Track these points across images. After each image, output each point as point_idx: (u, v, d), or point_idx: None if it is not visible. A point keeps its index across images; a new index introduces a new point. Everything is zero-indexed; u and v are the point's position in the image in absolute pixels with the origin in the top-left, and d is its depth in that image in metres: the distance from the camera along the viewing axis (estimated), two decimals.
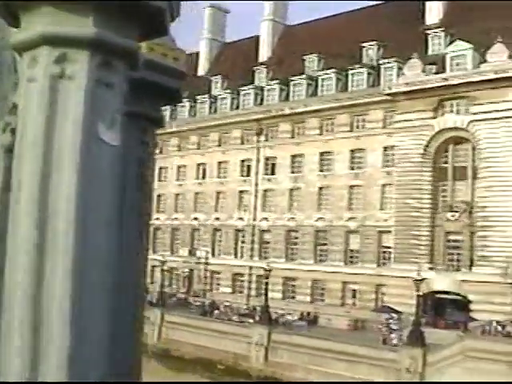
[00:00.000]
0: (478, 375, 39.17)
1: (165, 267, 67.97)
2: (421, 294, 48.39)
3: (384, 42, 69.55)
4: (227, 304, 66.44)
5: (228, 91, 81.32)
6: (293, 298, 69.04)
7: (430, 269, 57.48)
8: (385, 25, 69.57)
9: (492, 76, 55.68)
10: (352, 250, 66.34)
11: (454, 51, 60.78)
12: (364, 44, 70.97)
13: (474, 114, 57.10)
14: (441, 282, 56.79)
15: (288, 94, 74.73)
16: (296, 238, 70.97)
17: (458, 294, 56.14)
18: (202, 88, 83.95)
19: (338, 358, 45.89)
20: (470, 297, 55.03)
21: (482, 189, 56.74)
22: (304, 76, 73.42)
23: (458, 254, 58.56)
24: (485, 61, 57.40)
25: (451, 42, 62.32)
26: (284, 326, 56.96)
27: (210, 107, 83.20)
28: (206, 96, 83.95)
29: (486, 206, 56.00)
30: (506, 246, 54.18)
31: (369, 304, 62.28)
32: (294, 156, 72.17)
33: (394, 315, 55.83)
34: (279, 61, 79.78)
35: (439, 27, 65.84)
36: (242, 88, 79.36)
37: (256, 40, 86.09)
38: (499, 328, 49.26)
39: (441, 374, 41.28)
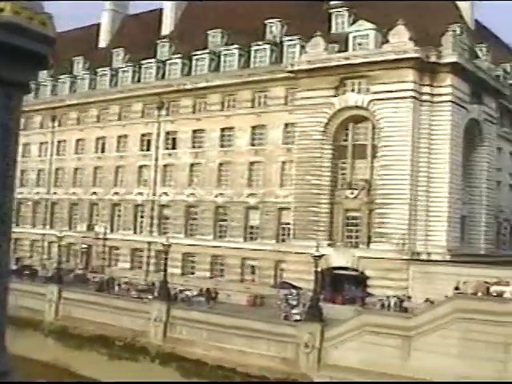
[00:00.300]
0: (375, 349, 40.12)
1: (62, 243, 66.58)
2: (319, 270, 48.46)
3: (288, 19, 69.26)
4: (126, 280, 65.64)
5: (129, 64, 79.49)
6: (192, 273, 68.75)
7: (329, 245, 57.95)
8: (289, 2, 69.19)
9: (393, 56, 56.15)
10: (252, 227, 66.59)
11: (356, 31, 60.83)
12: (268, 21, 70.45)
13: (375, 93, 57.47)
14: (339, 258, 57.26)
15: (190, 69, 73.59)
16: (196, 213, 70.65)
17: (355, 270, 56.73)
18: (102, 60, 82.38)
19: (237, 333, 45.96)
20: (368, 273, 55.73)
21: (380, 167, 57.51)
22: (207, 51, 72.50)
23: (357, 230, 59.18)
24: (387, 41, 57.75)
25: (354, 22, 62.53)
26: (183, 301, 56.59)
27: (111, 80, 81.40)
28: (107, 69, 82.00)
29: (383, 184, 56.78)
30: (402, 223, 55.51)
31: (268, 280, 62.55)
32: (195, 131, 71.46)
33: (293, 291, 56.01)
34: (182, 35, 78.21)
35: (343, 6, 65.92)
36: (144, 61, 77.86)
37: (159, 13, 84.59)
38: (395, 303, 50.04)
39: (337, 348, 41.90)
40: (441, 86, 57.05)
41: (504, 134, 69.85)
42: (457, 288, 44.93)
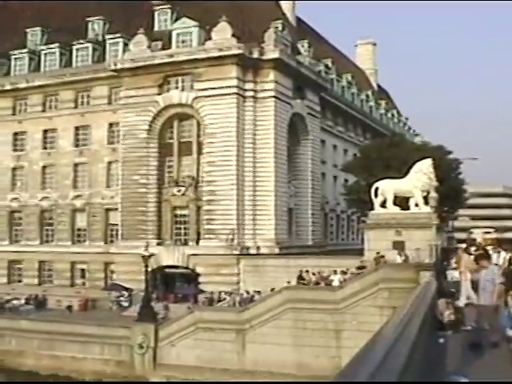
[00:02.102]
0: (210, 345, 39.81)
1: None
2: (150, 269, 47.65)
3: (110, 17, 67.67)
4: None
5: None
6: (20, 281, 65.96)
7: (158, 244, 57.36)
8: (111, 2, 67.59)
9: (216, 53, 56.06)
10: (79, 229, 64.98)
11: (179, 28, 60.13)
12: (89, 19, 68.64)
13: (199, 90, 57.20)
14: (169, 256, 56.72)
15: (9, 69, 70.31)
16: (20, 218, 67.78)
17: (186, 268, 56.38)
18: None
19: (69, 339, 44.57)
20: (199, 269, 55.48)
21: (206, 164, 57.28)
22: (26, 50, 69.70)
23: (185, 228, 58.84)
24: (209, 38, 57.61)
25: (177, 19, 61.79)
26: (10, 311, 54.79)
27: None
28: None
29: (210, 181, 56.63)
30: (230, 218, 55.54)
31: (99, 283, 61.24)
32: (16, 134, 68.51)
33: (124, 292, 55.49)
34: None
35: (166, 4, 64.66)
36: None
37: None
38: (226, 298, 50.33)
39: (172, 347, 41.18)
40: (264, 82, 57.38)
41: (327, 127, 71.72)
42: (300, 277, 45.24)
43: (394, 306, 29.95)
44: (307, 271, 45.77)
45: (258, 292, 48.97)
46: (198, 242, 57.13)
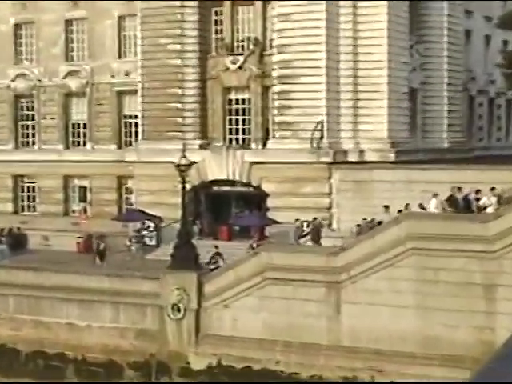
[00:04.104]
0: (285, 306, 38.16)
1: None
2: (189, 187, 47.51)
3: None
4: None
5: None
6: None
7: (202, 147, 56.60)
8: None
9: None
10: (77, 125, 65.03)
11: None
12: None
13: None
14: (219, 166, 55.61)
15: None
16: None
17: (247, 185, 55.06)
18: None
19: (64, 298, 43.14)
20: (266, 187, 53.77)
21: (278, 17, 55.30)
22: None
23: (245, 121, 57.41)
24: None
25: None
26: None
27: None
28: None
29: (284, 45, 55.10)
30: (315, 105, 53.89)
31: (108, 209, 60.89)
32: None
33: (148, 223, 55.01)
34: None
35: None
36: None
37: None
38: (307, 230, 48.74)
39: (226, 310, 39.95)
40: None
41: None
42: (451, 199, 42.62)
43: None
44: (459, 189, 42.51)
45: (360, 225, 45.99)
46: (265, 144, 55.47)
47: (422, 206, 43.05)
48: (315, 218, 48.82)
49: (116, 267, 47.30)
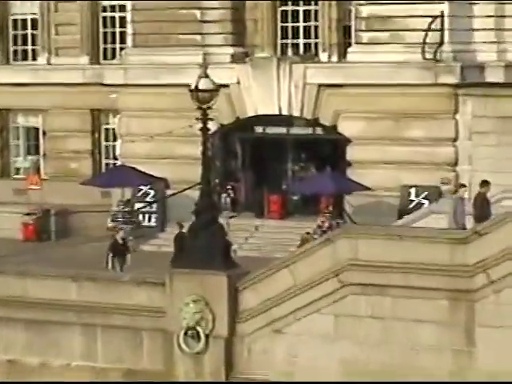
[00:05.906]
0: (379, 330, 27.85)
1: None
2: (214, 128, 39.18)
3: None
4: None
5: None
6: None
7: (235, 59, 47.22)
8: None
9: None
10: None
11: None
12: None
13: None
14: (265, 92, 45.60)
15: None
16: None
17: (314, 123, 45.68)
18: None
19: (1, 316, 32.63)
20: (345, 127, 44.80)
21: None
22: None
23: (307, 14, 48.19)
24: None
25: None
26: None
27: None
28: None
29: None
30: None
31: (76, 165, 52.58)
32: None
33: (146, 190, 46.97)
34: None
35: None
36: None
37: None
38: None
39: (282, 337, 27.81)
40: None
41: None
42: None
43: None
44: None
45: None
46: (343, 54, 45.33)
47: None
48: (463, 185, 35.17)
49: (89, 263, 36.81)
